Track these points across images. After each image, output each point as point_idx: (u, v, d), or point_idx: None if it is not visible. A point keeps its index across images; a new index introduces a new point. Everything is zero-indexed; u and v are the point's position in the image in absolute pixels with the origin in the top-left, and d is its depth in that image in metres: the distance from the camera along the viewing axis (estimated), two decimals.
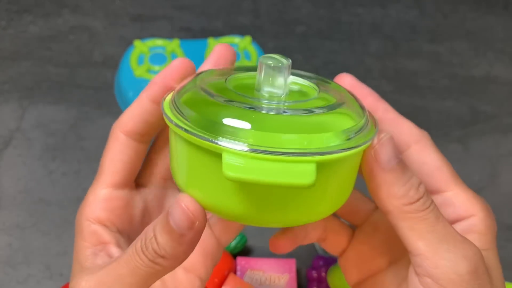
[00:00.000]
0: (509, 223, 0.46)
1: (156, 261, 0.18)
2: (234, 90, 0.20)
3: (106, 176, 0.23)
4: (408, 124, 0.24)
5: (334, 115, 0.19)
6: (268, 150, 0.16)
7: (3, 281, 0.41)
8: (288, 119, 0.19)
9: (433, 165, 0.23)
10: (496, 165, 0.49)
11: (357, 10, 0.58)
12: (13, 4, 0.56)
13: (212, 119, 0.17)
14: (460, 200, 0.22)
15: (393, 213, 0.20)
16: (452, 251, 0.19)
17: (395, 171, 0.19)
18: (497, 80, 0.55)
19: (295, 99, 0.20)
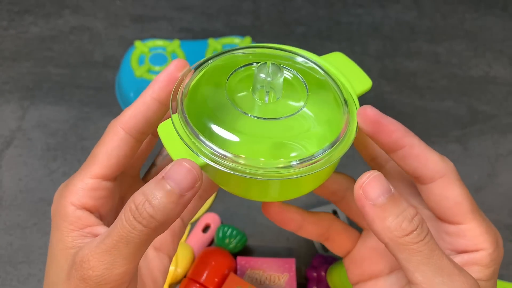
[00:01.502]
0: (508, 223, 0.47)
1: (150, 225, 0.19)
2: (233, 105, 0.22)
3: (98, 167, 0.23)
4: (434, 157, 0.24)
5: (307, 135, 0.22)
6: (246, 171, 0.20)
7: (4, 280, 0.41)
8: (270, 144, 0.21)
9: (454, 200, 0.23)
10: (495, 165, 0.50)
11: (357, 11, 0.59)
12: (14, 5, 0.56)
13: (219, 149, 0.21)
14: (473, 234, 0.23)
15: (389, 244, 0.21)
16: (447, 284, 0.20)
17: (385, 206, 0.20)
18: (496, 81, 0.55)
19: (281, 116, 0.22)
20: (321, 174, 0.23)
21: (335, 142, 0.22)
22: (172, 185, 0.19)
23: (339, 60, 0.26)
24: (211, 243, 0.44)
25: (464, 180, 0.52)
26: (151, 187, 0.19)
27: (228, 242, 0.41)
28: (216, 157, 0.20)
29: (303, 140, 0.22)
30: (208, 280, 0.39)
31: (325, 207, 0.45)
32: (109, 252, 0.19)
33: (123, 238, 0.19)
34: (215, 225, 0.44)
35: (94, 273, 0.20)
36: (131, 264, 0.20)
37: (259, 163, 0.20)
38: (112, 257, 0.19)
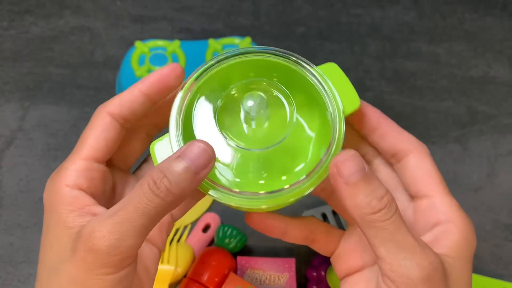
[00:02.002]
0: (508, 222, 0.47)
1: (166, 199, 0.20)
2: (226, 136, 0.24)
3: (87, 150, 0.24)
4: (409, 135, 0.26)
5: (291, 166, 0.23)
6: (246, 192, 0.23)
7: (4, 280, 0.41)
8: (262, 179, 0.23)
9: (425, 171, 0.25)
10: (494, 165, 0.50)
11: (357, 11, 0.59)
12: (14, 5, 0.56)
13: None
14: (443, 207, 0.24)
15: (358, 221, 0.22)
16: (408, 259, 0.21)
17: (357, 184, 0.21)
18: (496, 81, 0.55)
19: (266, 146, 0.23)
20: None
21: (307, 176, 0.23)
22: (188, 163, 0.20)
23: (334, 73, 0.26)
24: (211, 243, 0.44)
25: (463, 180, 0.53)
26: (167, 165, 0.21)
27: (228, 242, 0.41)
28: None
29: (278, 172, 0.23)
30: (208, 280, 0.39)
31: (325, 207, 0.46)
32: (123, 223, 0.20)
33: (138, 210, 0.20)
34: (215, 225, 0.44)
35: (105, 243, 0.20)
36: (141, 238, 0.21)
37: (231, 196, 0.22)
38: (125, 228, 0.20)
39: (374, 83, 0.54)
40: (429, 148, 0.54)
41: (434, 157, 0.50)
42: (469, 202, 0.48)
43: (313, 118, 0.24)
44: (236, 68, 0.24)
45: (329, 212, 0.45)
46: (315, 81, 0.25)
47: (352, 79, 0.55)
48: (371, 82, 0.54)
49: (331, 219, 0.45)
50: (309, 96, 0.24)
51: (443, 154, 0.50)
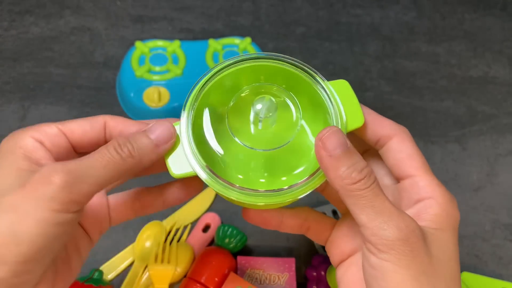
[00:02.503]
0: (507, 222, 0.47)
1: (127, 159, 0.22)
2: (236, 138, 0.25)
3: (70, 127, 0.24)
4: (389, 121, 0.27)
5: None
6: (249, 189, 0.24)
7: None
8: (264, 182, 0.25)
9: (407, 153, 0.26)
10: (494, 165, 0.50)
11: (356, 11, 0.59)
12: (15, 5, 0.56)
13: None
14: (425, 184, 0.25)
15: (340, 191, 0.23)
16: (386, 222, 0.22)
17: (339, 157, 0.23)
18: (495, 81, 0.55)
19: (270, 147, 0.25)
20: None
21: (307, 179, 0.24)
22: (151, 136, 0.24)
23: (343, 90, 0.26)
24: (211, 242, 0.44)
25: (463, 180, 0.53)
26: (133, 135, 0.23)
27: (228, 242, 0.41)
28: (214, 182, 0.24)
29: (279, 172, 0.25)
30: (208, 280, 0.39)
31: (325, 206, 0.46)
32: (84, 168, 0.21)
33: (101, 162, 0.22)
34: (215, 224, 0.44)
35: (63, 178, 0.20)
36: (95, 188, 0.21)
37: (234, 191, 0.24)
38: (85, 172, 0.21)
39: (374, 83, 0.54)
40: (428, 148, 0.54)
41: (434, 157, 0.50)
42: (468, 202, 0.48)
43: (318, 127, 0.25)
44: (248, 72, 0.25)
45: (329, 212, 0.46)
46: (324, 94, 0.25)
47: (352, 79, 0.55)
48: (371, 82, 0.54)
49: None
50: (316, 106, 0.25)
51: (443, 154, 0.50)
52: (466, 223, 0.47)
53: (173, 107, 0.48)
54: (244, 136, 0.25)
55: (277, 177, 0.25)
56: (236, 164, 0.24)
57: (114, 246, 0.43)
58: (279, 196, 0.24)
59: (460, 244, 0.46)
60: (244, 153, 0.25)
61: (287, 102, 0.25)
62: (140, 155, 0.23)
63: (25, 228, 0.19)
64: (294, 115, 0.25)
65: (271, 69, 0.26)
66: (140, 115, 0.49)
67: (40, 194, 0.20)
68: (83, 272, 0.42)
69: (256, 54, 0.25)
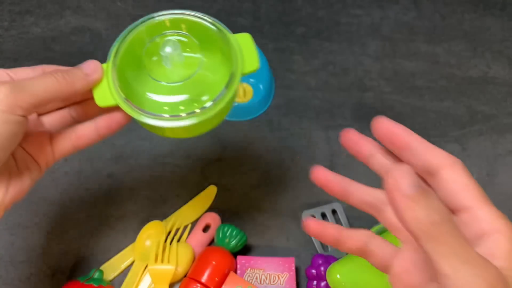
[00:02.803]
0: None
1: (61, 82, 0.28)
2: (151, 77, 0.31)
3: (12, 70, 0.29)
4: (440, 150, 0.26)
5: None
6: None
7: (5, 280, 0.42)
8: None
9: (462, 183, 0.25)
10: (493, 165, 0.50)
11: (356, 12, 0.59)
12: (15, 6, 0.56)
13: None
14: (486, 217, 0.24)
15: (417, 234, 0.22)
16: (471, 273, 0.21)
17: (415, 197, 0.21)
18: (495, 81, 0.55)
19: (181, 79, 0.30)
20: (204, 123, 0.30)
21: (213, 102, 0.29)
22: (82, 69, 0.30)
23: (245, 41, 0.32)
24: (211, 242, 0.44)
25: None
26: (68, 68, 0.30)
27: (228, 242, 0.42)
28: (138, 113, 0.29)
29: (190, 100, 0.30)
30: (208, 279, 0.39)
31: (325, 206, 0.46)
32: (26, 84, 0.27)
33: (40, 80, 0.27)
34: (215, 224, 0.44)
35: (8, 89, 0.26)
36: (36, 99, 0.27)
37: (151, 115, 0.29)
38: (27, 87, 0.27)
39: (373, 83, 0.54)
40: None
41: None
42: None
43: (218, 61, 0.31)
44: (164, 24, 0.31)
45: (329, 212, 0.46)
46: (225, 40, 0.31)
47: (352, 79, 0.55)
48: (371, 82, 0.54)
49: (331, 219, 0.45)
50: (220, 51, 0.31)
51: None
52: None
53: None
54: (157, 73, 0.30)
55: (190, 104, 0.30)
56: (156, 98, 0.30)
57: (115, 246, 0.43)
58: (181, 119, 0.29)
59: None
60: (157, 87, 0.30)
61: (193, 45, 0.31)
62: (72, 79, 0.29)
63: None
64: (197, 56, 0.31)
65: (185, 22, 0.31)
66: None
67: None
68: (84, 271, 0.42)
69: (174, 10, 0.31)
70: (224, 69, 0.30)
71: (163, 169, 0.47)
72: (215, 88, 0.29)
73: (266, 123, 0.51)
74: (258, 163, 0.48)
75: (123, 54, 0.30)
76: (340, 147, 0.50)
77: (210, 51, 0.31)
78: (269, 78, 0.51)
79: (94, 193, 0.46)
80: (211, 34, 0.31)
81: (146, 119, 0.29)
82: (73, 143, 0.32)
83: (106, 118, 0.31)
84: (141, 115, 0.29)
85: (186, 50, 0.31)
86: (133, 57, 0.31)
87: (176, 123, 0.29)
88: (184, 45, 0.31)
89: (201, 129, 0.31)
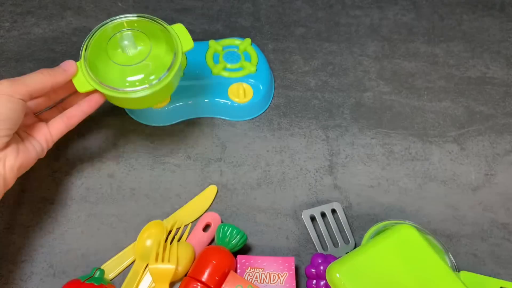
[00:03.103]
0: (505, 222, 0.47)
1: (47, 75, 0.38)
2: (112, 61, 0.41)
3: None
4: None
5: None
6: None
7: (6, 279, 0.42)
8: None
9: None
10: (492, 165, 0.50)
11: (355, 12, 0.59)
12: (16, 6, 0.56)
13: None
14: None
15: None
16: None
17: None
18: (493, 81, 0.55)
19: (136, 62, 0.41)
20: (156, 94, 0.40)
21: (160, 78, 0.39)
22: (61, 66, 0.39)
23: (180, 28, 0.41)
24: (211, 242, 0.44)
25: (461, 180, 0.53)
26: (54, 68, 0.39)
27: (229, 241, 0.42)
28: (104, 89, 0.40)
29: (148, 73, 0.40)
30: (208, 279, 0.39)
31: (324, 206, 0.46)
32: (22, 79, 0.37)
33: (32, 76, 0.38)
34: (215, 224, 0.44)
35: (8, 82, 0.36)
36: (30, 89, 0.37)
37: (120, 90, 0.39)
38: (23, 80, 0.37)
39: (373, 84, 0.54)
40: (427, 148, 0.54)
41: (432, 157, 0.50)
42: (467, 202, 0.48)
43: (164, 50, 0.41)
44: (121, 24, 0.41)
45: (329, 211, 0.46)
46: (166, 30, 0.41)
47: (351, 79, 0.55)
48: (370, 82, 0.54)
49: (331, 218, 0.46)
50: (162, 38, 0.41)
51: (441, 154, 0.50)
52: (464, 222, 0.47)
53: (174, 107, 0.49)
54: (119, 58, 0.41)
55: (147, 79, 0.39)
56: (119, 77, 0.40)
57: (115, 245, 0.44)
58: (152, 87, 0.39)
59: (458, 243, 0.46)
60: (120, 69, 0.40)
61: (144, 37, 0.41)
62: (55, 74, 0.39)
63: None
64: (149, 44, 0.41)
65: (137, 22, 0.42)
66: (144, 116, 0.50)
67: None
68: (85, 270, 0.42)
69: (128, 14, 0.42)
70: (168, 55, 0.40)
71: (164, 169, 0.48)
72: (162, 68, 0.40)
73: (266, 123, 0.51)
74: (258, 163, 0.49)
75: (92, 50, 0.40)
76: (340, 147, 0.50)
77: (157, 41, 0.41)
78: (269, 78, 0.51)
79: (95, 192, 0.46)
80: (156, 29, 0.41)
81: (112, 93, 0.39)
82: (65, 123, 0.41)
83: (87, 99, 0.41)
84: (110, 91, 0.39)
85: (139, 42, 0.41)
86: (100, 50, 0.41)
87: (139, 94, 0.39)
88: (137, 38, 0.41)
89: (159, 98, 0.42)
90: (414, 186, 0.48)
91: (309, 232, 0.45)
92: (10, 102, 0.36)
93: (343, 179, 0.48)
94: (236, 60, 0.51)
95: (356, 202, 0.47)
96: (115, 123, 0.50)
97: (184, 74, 0.50)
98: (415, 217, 0.47)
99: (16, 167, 0.37)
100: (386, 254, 0.37)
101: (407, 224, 0.40)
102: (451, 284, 0.37)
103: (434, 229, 0.46)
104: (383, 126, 0.51)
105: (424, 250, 0.38)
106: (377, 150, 0.50)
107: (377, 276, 0.36)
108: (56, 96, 0.42)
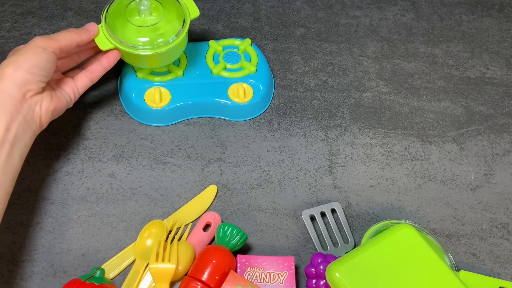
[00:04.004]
0: (504, 221, 0.47)
1: (74, 34, 0.43)
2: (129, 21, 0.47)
3: None
4: None
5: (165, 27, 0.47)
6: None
7: (7, 278, 0.42)
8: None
9: None
10: (491, 165, 0.50)
11: (355, 13, 0.59)
12: (17, 7, 0.56)
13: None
14: None
15: None
16: None
17: None
18: (492, 81, 0.56)
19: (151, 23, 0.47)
20: (172, 51, 0.47)
21: (173, 37, 0.46)
22: (85, 27, 0.45)
23: (188, 0, 0.48)
24: (211, 241, 0.44)
25: (460, 180, 0.53)
26: (79, 28, 0.45)
27: (229, 241, 0.42)
28: (123, 46, 0.46)
29: (160, 35, 0.46)
30: (208, 278, 0.39)
31: (324, 206, 0.46)
32: (53, 36, 0.42)
33: (62, 33, 0.43)
34: (215, 224, 0.45)
35: (43, 38, 0.42)
36: (60, 44, 0.42)
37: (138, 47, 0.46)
38: (54, 37, 0.42)
39: (372, 84, 0.54)
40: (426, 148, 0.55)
41: (432, 157, 0.50)
42: (466, 201, 0.48)
43: (175, 15, 0.47)
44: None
45: (328, 211, 0.46)
46: (176, 1, 0.47)
47: (351, 80, 0.56)
48: (369, 82, 0.54)
49: (330, 218, 0.46)
50: (173, 6, 0.47)
51: (440, 154, 0.50)
52: (464, 222, 0.47)
53: (175, 107, 0.49)
54: (136, 21, 0.46)
55: (158, 38, 0.46)
56: (133, 37, 0.46)
57: (116, 245, 0.44)
58: (165, 46, 0.45)
59: (457, 242, 0.46)
60: (136, 30, 0.46)
61: (158, 5, 0.47)
62: (80, 32, 0.44)
63: (30, 56, 0.41)
64: (162, 11, 0.47)
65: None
66: (142, 115, 0.50)
67: (34, 44, 0.41)
68: (85, 270, 0.42)
69: None
70: (178, 22, 0.47)
71: (164, 168, 0.48)
72: (172, 32, 0.46)
73: (266, 123, 0.51)
74: (258, 163, 0.49)
75: (111, 13, 0.46)
76: (340, 147, 0.50)
77: (169, 10, 0.47)
78: (269, 78, 0.51)
79: (95, 192, 0.46)
80: (168, 0, 0.47)
81: (129, 50, 0.45)
82: (88, 77, 0.46)
83: (106, 56, 0.46)
84: (128, 48, 0.45)
85: (154, 10, 0.47)
86: (119, 14, 0.46)
87: (155, 50, 0.45)
88: (152, 6, 0.47)
89: (166, 58, 0.48)
90: (413, 186, 0.48)
91: (309, 231, 0.45)
92: (45, 54, 0.41)
93: (343, 179, 0.48)
94: (236, 60, 0.51)
95: (356, 202, 0.47)
96: (115, 123, 0.50)
97: (185, 74, 0.50)
98: (414, 217, 0.47)
99: (50, 110, 0.42)
100: (386, 254, 0.37)
101: (407, 224, 0.40)
102: (450, 283, 0.37)
103: (433, 228, 0.47)
104: (383, 126, 0.51)
105: (423, 250, 0.38)
106: (377, 150, 0.50)
107: (376, 275, 0.37)
108: (78, 58, 0.47)
